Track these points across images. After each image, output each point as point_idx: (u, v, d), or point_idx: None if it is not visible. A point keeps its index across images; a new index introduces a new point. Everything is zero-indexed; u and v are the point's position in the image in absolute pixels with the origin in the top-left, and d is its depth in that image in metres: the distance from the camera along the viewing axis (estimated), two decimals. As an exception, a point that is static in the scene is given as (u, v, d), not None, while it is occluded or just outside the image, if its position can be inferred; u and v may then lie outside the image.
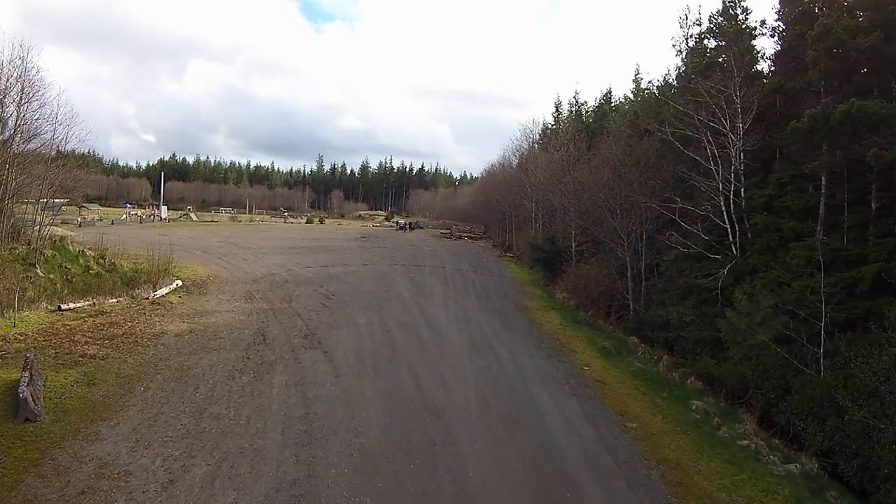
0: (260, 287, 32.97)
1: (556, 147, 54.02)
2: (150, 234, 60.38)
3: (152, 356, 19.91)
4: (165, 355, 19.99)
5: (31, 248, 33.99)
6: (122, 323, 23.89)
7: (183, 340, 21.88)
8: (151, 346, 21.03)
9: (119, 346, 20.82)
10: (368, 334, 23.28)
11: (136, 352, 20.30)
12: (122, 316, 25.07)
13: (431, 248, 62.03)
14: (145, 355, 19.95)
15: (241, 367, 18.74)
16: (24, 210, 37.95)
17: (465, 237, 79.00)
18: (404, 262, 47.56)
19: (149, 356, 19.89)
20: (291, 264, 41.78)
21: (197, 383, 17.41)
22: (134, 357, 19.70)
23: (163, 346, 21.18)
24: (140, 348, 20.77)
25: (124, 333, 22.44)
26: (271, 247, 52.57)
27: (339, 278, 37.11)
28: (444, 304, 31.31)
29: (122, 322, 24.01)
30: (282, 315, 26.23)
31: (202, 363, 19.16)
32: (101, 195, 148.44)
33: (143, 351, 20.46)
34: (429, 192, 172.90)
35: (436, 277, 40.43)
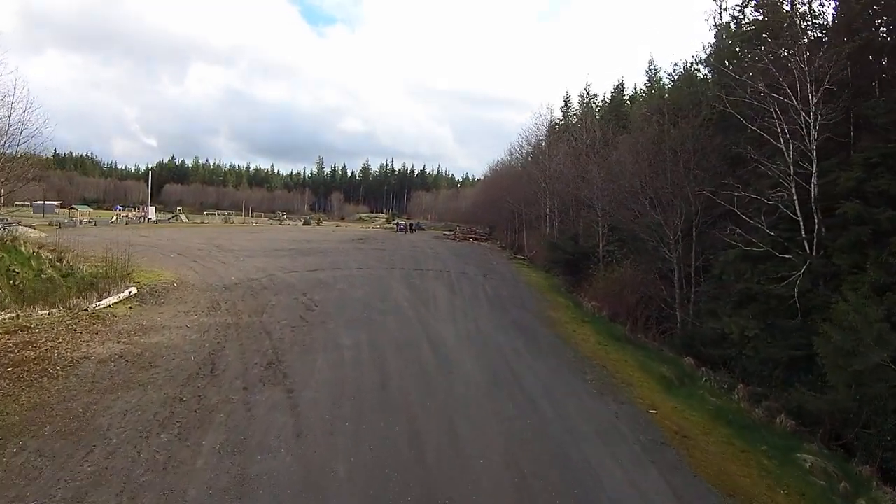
0: (231, 295, 27.12)
1: (575, 135, 48.57)
2: (131, 235, 54.58)
3: (55, 393, 14.15)
4: (73, 393, 14.19)
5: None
6: (41, 343, 18.23)
7: (106, 369, 16.04)
8: (61, 378, 15.27)
9: (20, 376, 15.13)
10: (353, 361, 17.32)
11: (37, 386, 14.58)
12: (46, 333, 19.36)
13: (434, 249, 56.09)
14: (47, 392, 14.20)
15: (165, 415, 12.84)
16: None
17: (469, 238, 73.26)
18: (404, 265, 41.71)
19: (51, 393, 14.13)
20: (275, 268, 35.91)
21: (93, 443, 11.54)
22: (31, 394, 13.97)
23: (76, 377, 15.38)
24: (46, 380, 15.02)
25: (37, 358, 16.79)
26: (257, 249, 46.71)
27: (327, 285, 31.23)
28: (451, 316, 25.43)
29: (41, 342, 18.34)
30: (246, 333, 20.34)
31: (115, 407, 13.30)
32: (98, 198, 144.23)
33: (48, 385, 14.71)
34: (430, 194, 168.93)
35: (440, 283, 34.58)
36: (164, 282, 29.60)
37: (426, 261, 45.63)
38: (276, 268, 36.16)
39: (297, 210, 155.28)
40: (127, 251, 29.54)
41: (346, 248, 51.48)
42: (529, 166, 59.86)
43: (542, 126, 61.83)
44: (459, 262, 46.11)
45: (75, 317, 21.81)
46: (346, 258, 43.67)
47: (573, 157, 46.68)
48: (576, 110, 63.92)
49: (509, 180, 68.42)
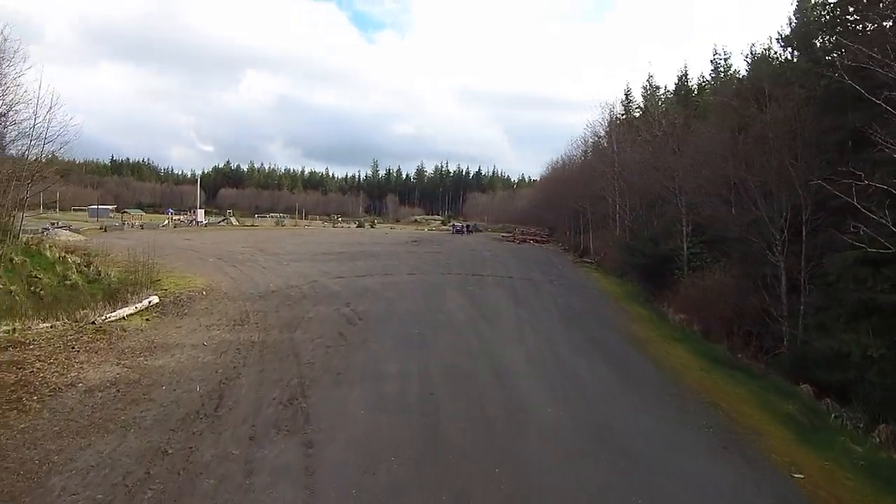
0: (263, 306, 24.07)
1: (646, 125, 44.06)
2: (175, 238, 53.08)
3: (18, 434, 11.26)
4: (38, 435, 11.21)
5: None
6: (29, 363, 15.58)
7: (90, 402, 13.01)
8: (34, 412, 12.41)
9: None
10: (396, 400, 13.60)
11: (1, 422, 11.67)
12: (40, 351, 16.74)
13: (493, 252, 52.24)
14: (10, 431, 11.38)
15: (137, 477, 9.46)
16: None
17: (529, 240, 69.11)
18: (461, 270, 38.07)
19: (13, 434, 11.27)
20: (319, 274, 32.88)
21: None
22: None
23: (51, 411, 12.44)
24: (14, 415, 12.23)
25: (16, 383, 14.13)
26: (303, 252, 43.99)
27: (374, 293, 27.87)
28: (517, 334, 21.53)
29: (29, 362, 15.70)
30: (271, 354, 17.02)
31: (80, 460, 10.12)
32: (154, 202, 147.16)
33: (15, 421, 11.90)
34: (486, 195, 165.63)
35: (502, 291, 30.76)
36: (193, 289, 26.98)
37: (485, 265, 41.88)
38: (321, 273, 33.14)
39: (352, 213, 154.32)
40: (159, 255, 27.30)
41: (398, 252, 48.28)
42: (594, 160, 55.29)
43: (604, 120, 57.71)
44: (521, 267, 42.18)
45: (79, 331, 19.10)
46: (398, 262, 40.41)
47: (645, 147, 42.19)
48: (638, 103, 60.50)
49: (570, 178, 64.27)
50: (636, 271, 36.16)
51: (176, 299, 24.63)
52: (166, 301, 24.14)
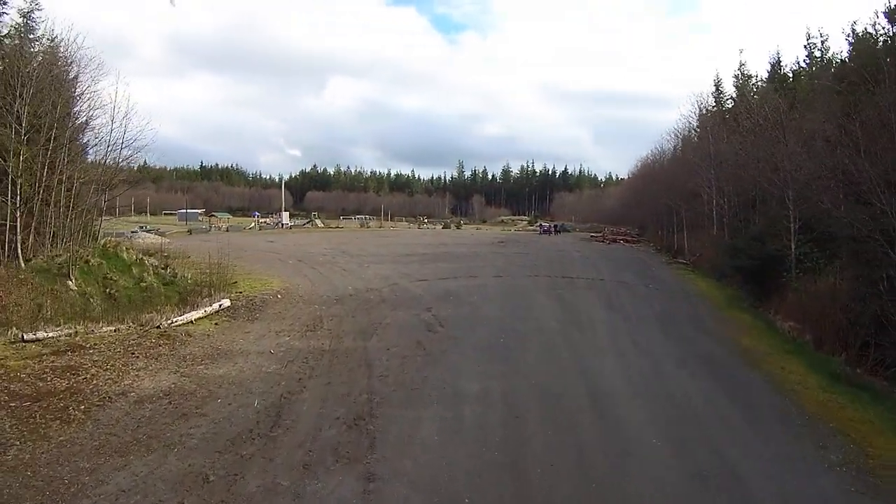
0: (339, 310, 22.97)
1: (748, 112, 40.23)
2: (257, 240, 53.68)
3: (55, 447, 10.74)
4: (75, 449, 10.56)
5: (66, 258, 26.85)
6: (85, 369, 15.13)
7: (138, 414, 12.19)
8: (77, 423, 11.87)
9: (32, 415, 12.12)
10: (476, 429, 11.78)
11: (42, 433, 11.43)
12: (98, 356, 16.28)
13: (582, 253, 49.43)
14: (48, 444, 10.90)
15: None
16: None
17: (619, 240, 65.46)
18: (549, 272, 35.83)
19: (50, 447, 10.75)
20: (400, 276, 31.63)
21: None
22: (26, 446, 10.89)
23: (95, 423, 11.85)
24: (57, 425, 11.72)
25: (67, 390, 13.69)
26: (386, 254, 43.00)
27: (457, 297, 26.24)
28: (614, 345, 19.28)
29: (85, 367, 15.24)
30: (341, 365, 15.73)
31: (112, 482, 9.28)
32: (242, 206, 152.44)
33: (56, 433, 11.42)
34: (573, 195, 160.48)
35: (594, 295, 28.36)
36: (268, 292, 26.26)
37: (574, 267, 39.39)
38: (402, 276, 31.88)
39: (438, 214, 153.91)
40: (240, 257, 26.93)
41: (484, 253, 46.43)
42: (688, 154, 51.29)
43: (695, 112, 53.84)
44: (613, 268, 39.41)
45: (143, 335, 18.53)
46: (484, 264, 38.64)
47: (746, 136, 38.40)
48: (730, 93, 56.67)
49: (662, 174, 60.50)
50: (739, 274, 32.73)
51: (249, 302, 23.92)
52: (238, 304, 23.45)
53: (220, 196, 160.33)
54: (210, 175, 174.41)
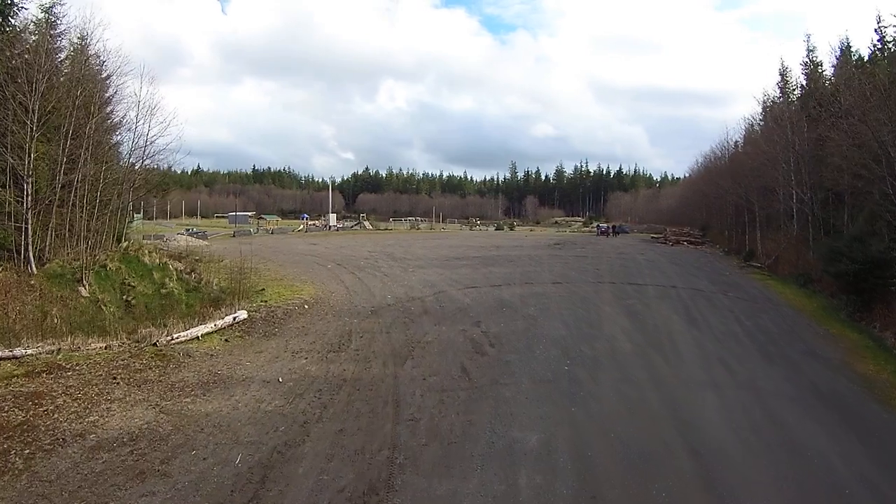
0: (373, 325, 19.72)
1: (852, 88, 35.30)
2: (299, 243, 51.21)
3: None
4: None
5: (80, 263, 24.72)
6: (53, 396, 12.59)
7: (85, 469, 9.44)
8: (7, 475, 9.43)
9: None
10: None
11: None
12: (76, 379, 13.67)
13: (646, 256, 44.92)
14: None
15: None
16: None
17: (683, 242, 60.49)
18: (614, 278, 31.80)
19: None
20: (447, 283, 28.23)
21: None
22: None
23: (29, 478, 9.25)
24: None
25: (20, 425, 11.35)
26: (434, 257, 39.66)
27: (511, 308, 22.67)
28: (705, 374, 15.35)
29: (54, 394, 12.72)
30: (361, 403, 12.35)
31: None
32: (294, 208, 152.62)
33: None
34: (629, 195, 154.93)
35: (668, 306, 24.33)
36: (295, 300, 23.24)
37: (641, 272, 35.21)
38: (449, 282, 28.49)
39: (490, 216, 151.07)
40: (276, 261, 24.16)
41: (539, 256, 42.55)
42: (762, 145, 46.10)
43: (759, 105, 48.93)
44: (684, 273, 35.07)
45: (135, 354, 15.64)
46: (540, 269, 34.88)
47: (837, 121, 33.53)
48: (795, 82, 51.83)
49: (729, 170, 55.51)
50: (837, 280, 28.05)
51: (270, 314, 20.90)
52: (257, 317, 20.45)
53: (272, 199, 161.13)
54: (262, 178, 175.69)
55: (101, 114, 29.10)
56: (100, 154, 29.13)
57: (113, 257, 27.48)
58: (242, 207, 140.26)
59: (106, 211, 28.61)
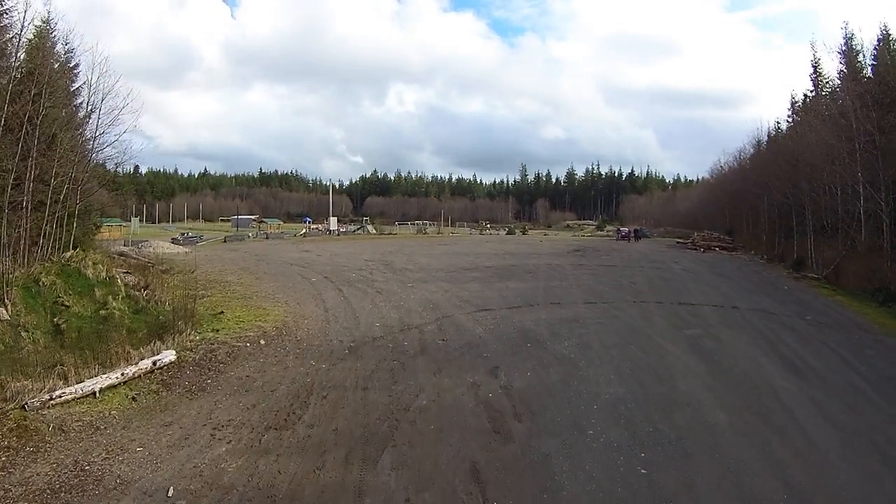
0: (346, 373, 13.78)
1: None
2: (291, 249, 45.28)
3: None
4: None
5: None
6: None
7: None
8: None
9: None
10: None
11: None
12: None
13: (682, 265, 38.50)
14: None
15: None
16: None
17: (714, 247, 54.05)
18: (658, 295, 25.63)
19: None
20: (454, 303, 22.24)
21: None
22: None
23: None
24: None
25: None
26: (440, 267, 33.58)
27: (539, 344, 16.62)
28: (863, 475, 9.41)
29: None
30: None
31: None
32: (301, 211, 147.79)
33: None
34: (643, 198, 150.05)
35: (745, 340, 18.16)
36: (253, 331, 17.32)
37: (686, 286, 29.01)
38: (457, 302, 22.51)
39: (501, 219, 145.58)
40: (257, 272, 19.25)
41: (561, 266, 36.21)
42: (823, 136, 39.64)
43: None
44: (737, 288, 28.74)
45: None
46: (566, 282, 28.69)
47: None
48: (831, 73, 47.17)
49: (770, 168, 49.33)
50: None
51: (209, 355, 14.96)
52: (190, 359, 14.54)
53: (279, 202, 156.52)
54: (269, 181, 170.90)
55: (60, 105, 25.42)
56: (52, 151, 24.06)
57: (50, 270, 21.90)
58: (248, 211, 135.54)
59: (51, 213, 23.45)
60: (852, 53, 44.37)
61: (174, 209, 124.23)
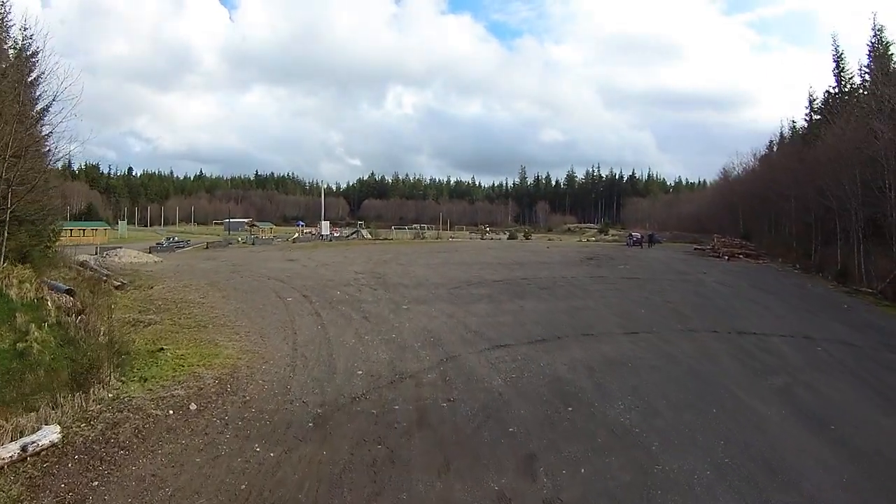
0: (306, 473, 8.88)
1: None
2: (273, 258, 40.23)
3: None
4: None
5: None
6: None
7: None
8: None
9: None
10: None
11: None
12: None
13: (714, 277, 33.03)
14: None
15: None
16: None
17: (739, 255, 48.92)
18: (706, 321, 20.58)
19: None
20: (460, 335, 17.32)
21: None
22: None
23: None
24: None
25: None
26: (440, 282, 28.49)
27: (584, 405, 11.64)
28: None
29: None
30: None
31: None
32: (298, 214, 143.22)
33: None
34: (647, 200, 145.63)
35: (849, 390, 13.47)
36: (192, 382, 12.48)
37: (732, 306, 23.94)
38: (465, 333, 17.60)
39: (500, 222, 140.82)
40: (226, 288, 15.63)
41: (578, 279, 30.96)
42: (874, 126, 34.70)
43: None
44: (793, 310, 23.81)
45: None
46: (591, 302, 23.74)
47: None
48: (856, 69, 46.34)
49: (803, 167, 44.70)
50: None
51: (112, 429, 10.01)
52: (82, 438, 9.62)
53: (275, 205, 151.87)
54: (265, 183, 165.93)
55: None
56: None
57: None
58: (243, 214, 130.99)
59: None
60: (884, 47, 40.42)
61: (167, 212, 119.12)
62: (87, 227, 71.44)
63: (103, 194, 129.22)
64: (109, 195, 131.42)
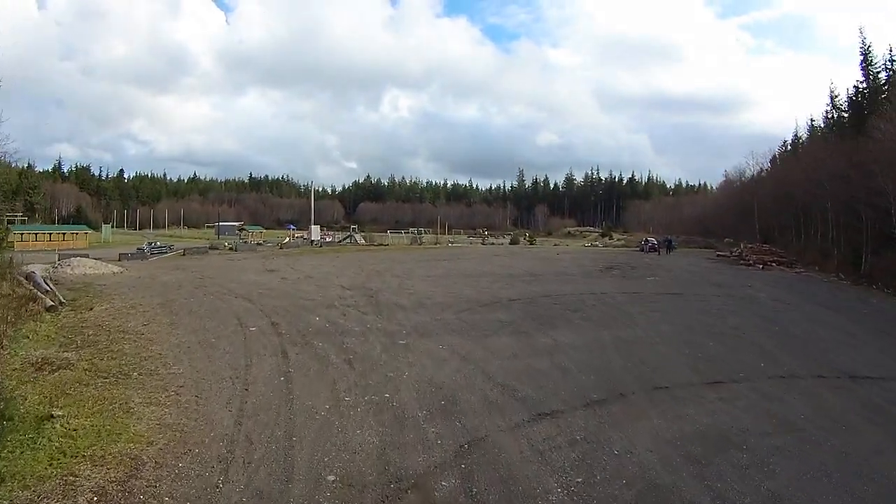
0: None
1: None
2: (252, 268, 34.88)
3: None
4: None
5: None
6: None
7: None
8: None
9: None
10: None
11: None
12: None
13: (763, 292, 28.03)
14: None
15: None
16: None
17: (771, 263, 43.90)
18: (799, 360, 15.37)
19: None
20: (482, 387, 12.12)
21: None
22: None
23: None
24: None
25: None
26: (444, 301, 23.01)
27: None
28: None
29: None
30: None
31: None
32: (293, 218, 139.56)
33: None
34: (649, 203, 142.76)
35: None
36: (67, 491, 7.14)
37: (818, 336, 18.71)
38: (489, 389, 12.31)
39: (498, 225, 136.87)
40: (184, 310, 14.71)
41: (610, 295, 25.57)
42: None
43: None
44: (881, 336, 19.09)
45: None
46: (641, 332, 18.31)
47: None
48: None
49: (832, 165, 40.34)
50: None
51: None
52: None
53: (269, 208, 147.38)
54: (259, 186, 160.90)
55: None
56: None
57: None
58: (236, 217, 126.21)
59: None
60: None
61: (157, 215, 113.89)
62: (67, 231, 67.58)
63: (93, 197, 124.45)
64: (100, 197, 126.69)
